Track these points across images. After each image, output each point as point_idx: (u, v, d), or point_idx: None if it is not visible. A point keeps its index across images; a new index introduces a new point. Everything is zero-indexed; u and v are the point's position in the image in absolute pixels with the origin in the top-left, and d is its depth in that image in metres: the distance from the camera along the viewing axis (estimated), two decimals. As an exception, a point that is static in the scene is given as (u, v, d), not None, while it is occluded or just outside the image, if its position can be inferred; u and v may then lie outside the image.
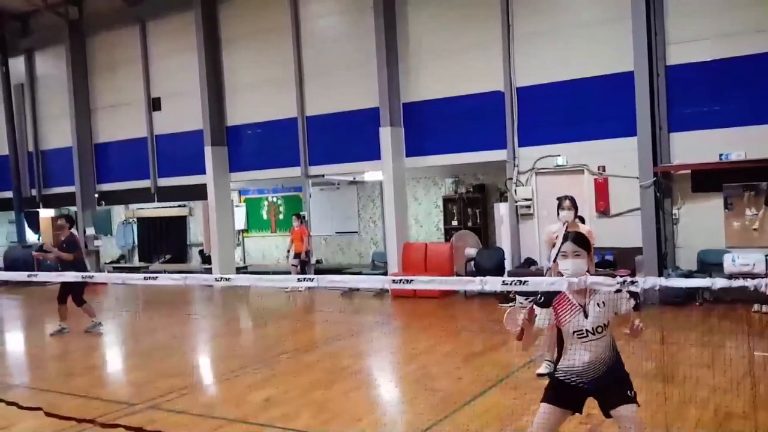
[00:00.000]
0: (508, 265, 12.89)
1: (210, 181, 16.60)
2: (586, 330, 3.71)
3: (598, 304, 3.68)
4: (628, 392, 3.76)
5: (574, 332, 3.74)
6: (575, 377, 3.80)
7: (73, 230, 11.10)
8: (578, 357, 3.76)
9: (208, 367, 9.00)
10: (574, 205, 6.78)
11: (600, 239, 9.88)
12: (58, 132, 19.93)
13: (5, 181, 20.97)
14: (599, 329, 3.71)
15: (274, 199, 19.87)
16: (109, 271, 19.17)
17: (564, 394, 3.85)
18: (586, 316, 3.69)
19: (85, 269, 10.88)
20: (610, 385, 3.77)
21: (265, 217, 20.07)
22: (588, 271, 3.83)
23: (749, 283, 3.36)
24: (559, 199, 6.92)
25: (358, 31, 14.67)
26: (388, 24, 14.02)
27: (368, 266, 16.15)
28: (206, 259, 19.13)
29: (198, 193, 17.31)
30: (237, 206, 19.75)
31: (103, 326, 10.73)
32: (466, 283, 4.30)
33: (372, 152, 14.37)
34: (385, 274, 13.81)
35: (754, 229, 10.97)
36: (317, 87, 15.41)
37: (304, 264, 15.27)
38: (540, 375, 6.68)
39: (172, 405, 6.71)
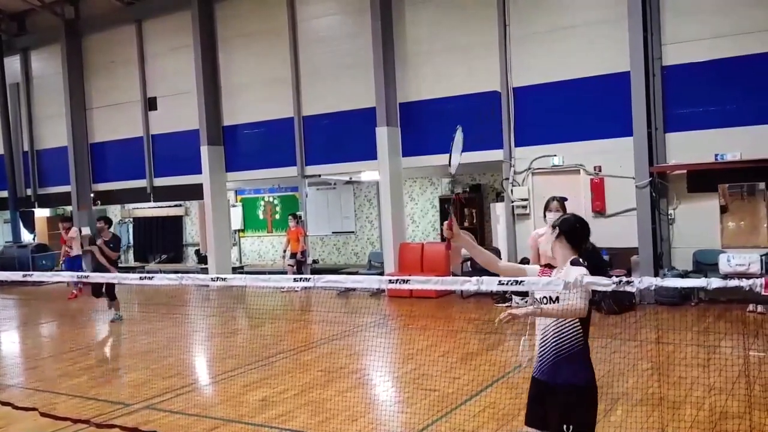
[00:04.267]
0: (504, 265, 12.88)
1: (206, 181, 16.57)
2: (542, 296, 3.58)
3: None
4: (565, 427, 3.35)
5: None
6: (536, 363, 3.59)
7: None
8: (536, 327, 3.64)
9: (204, 368, 9.00)
10: (563, 207, 6.24)
11: (596, 239, 9.88)
12: (53, 131, 19.88)
13: (0, 180, 20.92)
14: (544, 299, 3.57)
15: (271, 199, 19.85)
16: (104, 271, 19.12)
17: (533, 400, 3.59)
18: None
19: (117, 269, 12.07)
20: (554, 400, 3.43)
21: (261, 217, 20.06)
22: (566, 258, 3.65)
23: (744, 283, 3.37)
24: (547, 200, 6.41)
25: (355, 31, 14.67)
26: (385, 24, 14.01)
27: (365, 266, 16.15)
28: (202, 259, 19.11)
29: (194, 192, 17.29)
30: (233, 206, 19.73)
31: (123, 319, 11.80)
32: (463, 283, 4.30)
33: (369, 152, 14.37)
34: (382, 274, 13.81)
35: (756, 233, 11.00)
36: (314, 87, 15.40)
37: (300, 264, 15.26)
38: None
39: (168, 405, 6.70)
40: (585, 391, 3.44)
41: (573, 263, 3.56)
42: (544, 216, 6.27)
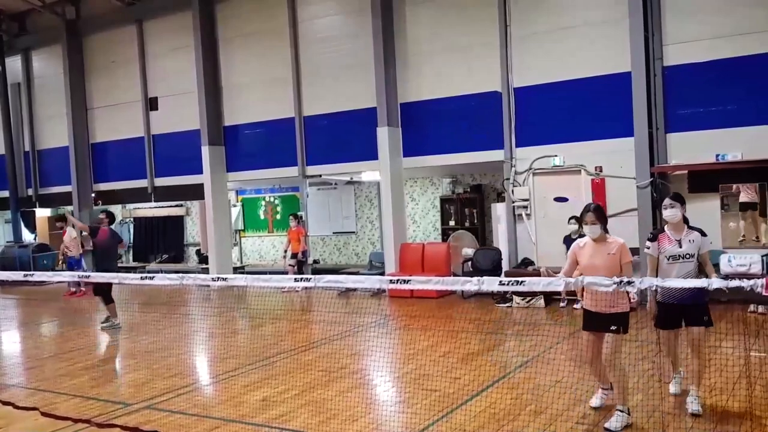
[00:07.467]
0: (505, 266, 12.89)
1: (207, 181, 16.58)
2: (679, 254, 5.59)
3: (690, 240, 5.60)
4: (704, 317, 5.63)
5: (669, 256, 5.61)
6: (669, 297, 5.60)
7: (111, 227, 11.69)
8: (669, 276, 5.47)
9: (205, 367, 8.99)
10: (601, 217, 5.49)
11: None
12: (54, 131, 19.90)
13: (1, 180, 20.94)
14: (687, 256, 5.61)
15: (272, 199, 19.86)
16: (105, 271, 19.12)
17: (667, 315, 5.72)
18: (680, 246, 5.60)
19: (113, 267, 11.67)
20: (692, 306, 5.59)
21: (262, 217, 20.06)
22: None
23: (745, 283, 3.38)
24: (581, 213, 5.71)
25: (356, 31, 14.67)
26: (386, 24, 14.02)
27: (365, 266, 16.15)
28: (203, 258, 19.12)
29: (195, 192, 17.30)
30: (234, 206, 19.74)
31: (120, 326, 11.35)
32: (464, 283, 4.32)
33: (369, 152, 14.37)
34: (383, 274, 13.81)
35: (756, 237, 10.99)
36: (315, 87, 15.40)
37: (301, 264, 15.26)
38: (595, 408, 5.88)
39: (169, 405, 6.70)
40: (707, 305, 5.72)
41: (702, 233, 5.71)
42: (581, 228, 6.63)
